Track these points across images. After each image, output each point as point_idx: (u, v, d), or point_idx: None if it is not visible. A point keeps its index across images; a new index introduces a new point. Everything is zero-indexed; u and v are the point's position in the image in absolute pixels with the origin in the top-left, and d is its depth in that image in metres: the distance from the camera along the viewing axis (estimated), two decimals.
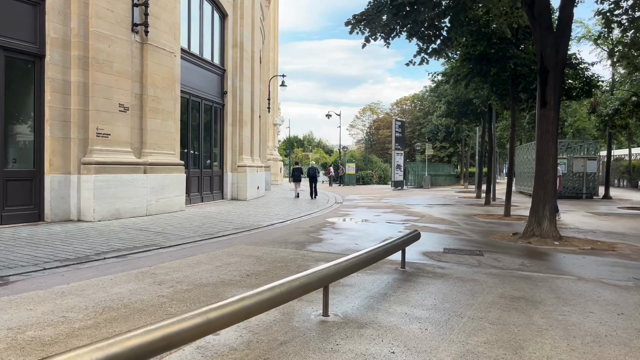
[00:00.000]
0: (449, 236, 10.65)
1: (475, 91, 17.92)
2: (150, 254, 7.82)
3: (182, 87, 15.32)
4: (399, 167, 33.07)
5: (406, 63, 11.80)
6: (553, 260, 8.20)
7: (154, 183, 12.89)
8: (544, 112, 10.20)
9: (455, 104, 23.19)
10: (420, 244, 9.26)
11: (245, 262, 7.28)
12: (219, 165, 18.56)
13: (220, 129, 18.57)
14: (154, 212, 12.86)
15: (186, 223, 11.51)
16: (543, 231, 10.09)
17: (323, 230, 11.14)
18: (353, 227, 12.09)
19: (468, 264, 7.63)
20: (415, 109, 70.16)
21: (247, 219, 12.87)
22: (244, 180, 18.99)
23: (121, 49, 11.94)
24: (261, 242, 9.17)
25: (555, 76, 10.08)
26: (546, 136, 10.15)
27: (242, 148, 19.28)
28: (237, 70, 19.01)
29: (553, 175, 10.14)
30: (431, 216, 14.97)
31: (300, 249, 8.51)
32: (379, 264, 7.24)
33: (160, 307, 4.90)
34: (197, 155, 16.85)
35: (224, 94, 18.54)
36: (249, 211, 14.86)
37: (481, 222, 13.49)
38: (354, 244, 9.29)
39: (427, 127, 44.10)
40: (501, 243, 9.84)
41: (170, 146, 13.85)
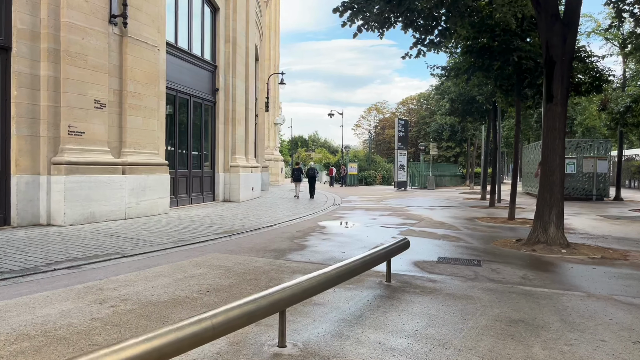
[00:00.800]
0: (446, 242, 9.80)
1: (479, 87, 17.03)
2: (108, 264, 7.05)
3: (168, 84, 14.58)
4: (402, 167, 32.16)
5: (402, 56, 10.96)
6: (559, 272, 7.33)
7: (133, 184, 12.14)
8: (550, 107, 9.32)
9: (459, 102, 22.29)
10: (413, 252, 8.44)
11: (211, 274, 6.49)
12: (210, 166, 17.80)
13: (211, 127, 17.81)
14: (133, 215, 12.11)
15: (164, 228, 10.74)
16: (549, 238, 9.21)
17: (310, 236, 10.33)
18: (343, 232, 11.26)
19: (463, 276, 6.79)
20: (422, 108, 69.20)
21: (233, 222, 12.09)
22: (237, 181, 18.22)
23: (97, 42, 11.20)
24: (238, 250, 8.37)
25: (562, 67, 9.20)
26: (552, 133, 9.27)
27: (235, 148, 18.51)
28: (229, 67, 18.25)
29: (560, 177, 9.26)
30: (430, 219, 14.11)
31: (278, 258, 7.70)
32: (362, 277, 6.43)
33: (87, 334, 4.12)
34: (186, 155, 16.10)
35: (215, 91, 17.78)
36: (237, 214, 14.07)
37: (483, 227, 12.62)
38: (340, 252, 8.47)
39: (431, 126, 43.13)
40: (502, 251, 8.97)
41: (153, 145, 13.10)
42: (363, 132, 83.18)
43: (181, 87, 15.49)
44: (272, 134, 37.45)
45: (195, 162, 16.78)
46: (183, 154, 16.00)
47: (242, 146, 19.39)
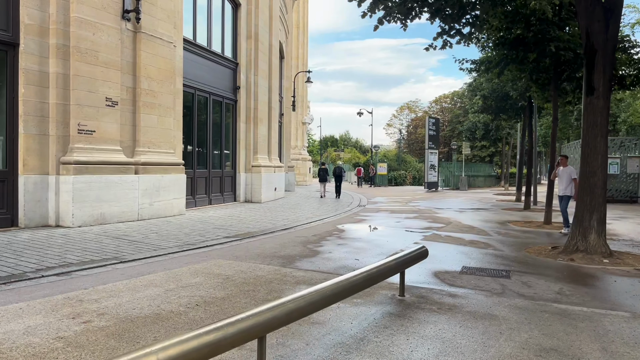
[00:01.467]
0: (473, 249, 8.98)
1: (513, 82, 16.00)
2: (101, 270, 6.59)
3: (186, 81, 14.20)
4: (433, 167, 31.08)
5: (425, 47, 10.17)
6: (600, 286, 6.45)
7: (147, 185, 11.77)
8: (591, 100, 8.38)
9: (492, 99, 21.20)
10: (435, 261, 7.70)
11: (207, 284, 5.93)
12: (231, 166, 17.38)
13: (232, 126, 17.39)
14: (147, 216, 11.74)
15: (175, 230, 10.30)
16: (589, 245, 8.29)
17: (326, 241, 9.68)
18: (362, 236, 10.56)
19: (488, 290, 6.01)
20: (455, 106, 67.49)
21: (248, 225, 11.56)
22: (259, 181, 17.74)
23: (108, 38, 10.86)
24: (244, 256, 7.81)
25: (604, 57, 8.26)
26: (593, 130, 8.34)
27: (257, 147, 18.03)
28: (251, 64, 17.78)
29: (602, 178, 8.31)
30: (459, 223, 13.23)
31: (285, 266, 7.09)
32: (373, 289, 5.76)
33: (42, 357, 3.60)
34: (205, 155, 15.71)
35: (236, 89, 17.34)
36: (255, 216, 13.56)
37: (516, 232, 11.69)
38: (355, 259, 7.80)
39: (464, 125, 41.71)
40: (536, 260, 8.10)
41: (168, 144, 12.72)
42: (395, 131, 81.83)
43: (200, 84, 15.10)
44: (299, 133, 36.97)
45: (215, 161, 16.38)
46: (202, 153, 15.61)
47: (265, 145, 18.91)
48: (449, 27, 9.81)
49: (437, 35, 9.88)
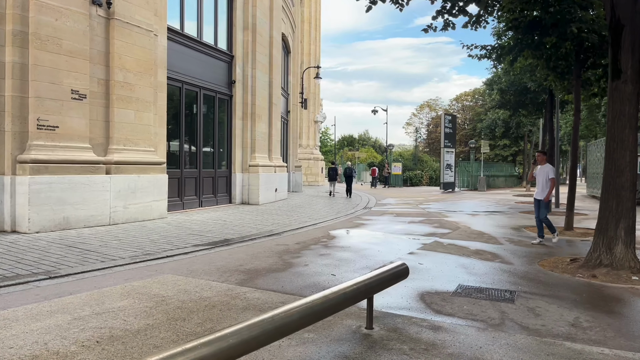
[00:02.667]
0: (476, 262, 7.68)
1: (531, 73, 14.54)
2: (18, 289, 5.53)
3: (171, 74, 13.18)
4: (449, 166, 29.54)
5: (424, 28, 8.88)
6: (628, 314, 5.12)
7: (120, 186, 10.76)
8: (617, 85, 7.01)
9: (510, 93, 19.72)
10: (427, 277, 6.46)
11: (132, 309, 4.81)
12: (226, 165, 16.32)
13: (227, 123, 16.33)
14: (120, 220, 10.73)
15: (143, 237, 9.24)
16: (615, 259, 6.92)
17: (308, 250, 8.49)
18: (352, 244, 9.34)
19: (483, 319, 4.76)
20: (477, 104, 65.42)
21: (230, 230, 10.46)
22: (256, 181, 16.64)
23: (74, 24, 9.88)
24: (201, 270, 6.68)
25: (633, 32, 6.88)
26: (620, 121, 6.96)
27: (254, 145, 16.94)
28: (248, 57, 16.69)
29: (631, 178, 6.93)
30: (467, 229, 11.89)
31: (243, 284, 5.94)
32: (336, 318, 4.58)
33: None
34: (195, 153, 14.67)
35: (231, 83, 16.27)
36: (244, 220, 12.45)
37: (531, 239, 10.31)
38: (331, 274, 6.59)
39: (483, 123, 39.91)
40: (550, 276, 6.77)
41: (147, 142, 11.70)
42: (414, 130, 79.96)
43: (188, 78, 14.06)
44: (311, 132, 35.81)
45: (207, 161, 15.34)
46: (191, 152, 14.57)
47: (264, 144, 17.81)
48: (451, 3, 8.52)
49: (436, 14, 8.61)
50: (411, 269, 7.02)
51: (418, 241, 9.69)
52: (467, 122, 69.88)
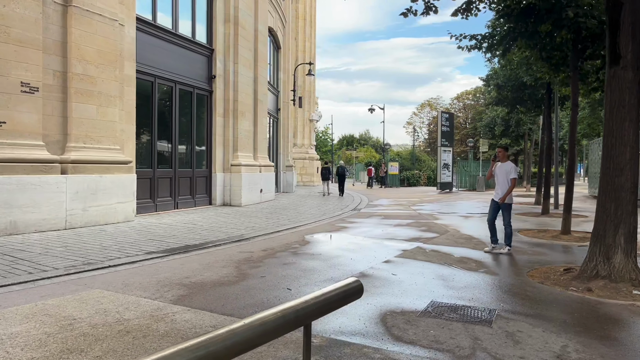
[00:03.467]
0: (458, 272, 6.82)
1: (527, 66, 13.65)
2: None
3: (141, 67, 12.37)
4: (447, 166, 28.62)
5: (402, 12, 8.02)
6: (627, 342, 4.25)
7: (79, 187, 9.95)
8: (616, 72, 6.15)
9: (507, 88, 18.81)
10: (396, 291, 5.63)
11: (24, 337, 3.99)
12: (206, 164, 15.50)
13: (207, 120, 15.51)
14: (79, 224, 9.92)
15: (95, 243, 8.42)
16: (613, 270, 6.08)
17: (274, 258, 7.65)
18: (325, 251, 8.48)
19: (450, 350, 3.92)
20: (477, 103, 64.44)
21: (197, 235, 9.63)
22: (238, 182, 15.81)
23: (25, 11, 9.07)
24: (139, 283, 5.85)
25: (633, 11, 6.02)
26: (619, 112, 6.10)
27: (237, 143, 16.12)
28: (230, 51, 15.87)
29: (631, 178, 6.07)
30: (457, 232, 11.02)
31: (177, 302, 5.11)
32: (269, 349, 3.75)
33: None
34: (170, 152, 13.84)
35: (211, 78, 15.45)
36: (217, 223, 11.63)
37: (523, 244, 9.44)
38: (287, 289, 5.75)
39: (482, 121, 38.92)
40: (539, 290, 5.91)
41: (112, 139, 10.89)
42: (415, 130, 78.97)
43: (162, 72, 13.24)
44: (306, 131, 34.98)
45: (184, 160, 14.52)
46: (165, 150, 13.75)
47: (249, 142, 16.99)
48: None
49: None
50: (382, 282, 6.19)
51: (399, 247, 8.83)
52: (468, 121, 68.93)
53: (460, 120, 72.80)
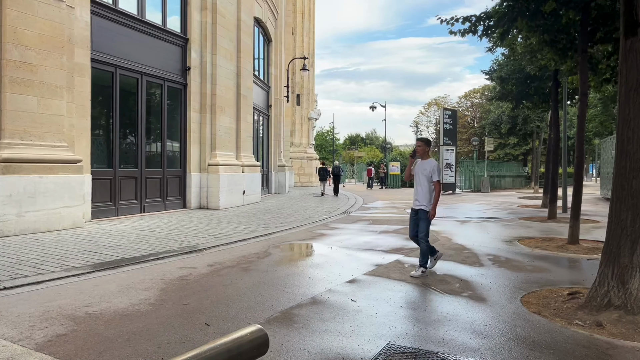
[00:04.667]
0: (435, 297, 5.49)
1: (531, 55, 12.23)
2: None
3: (99, 56, 11.16)
4: (449, 166, 27.15)
5: None
6: None
7: (13, 189, 8.74)
8: (633, 44, 4.79)
9: (511, 82, 17.37)
10: (346, 329, 4.33)
11: None
12: (179, 164, 14.26)
13: (181, 116, 14.26)
14: (13, 231, 8.71)
15: (12, 256, 7.19)
16: (630, 298, 4.75)
17: (214, 277, 6.37)
18: (283, 266, 7.18)
19: None
20: (485, 102, 62.71)
21: (145, 245, 8.38)
22: (216, 183, 14.56)
23: None
24: (16, 315, 4.59)
25: None
26: (637, 95, 4.73)
27: (215, 141, 14.87)
28: (207, 41, 14.61)
29: None
30: (448, 241, 9.67)
31: (40, 348, 3.84)
32: None
33: None
34: (135, 150, 12.61)
35: (186, 70, 14.20)
36: (181, 229, 10.38)
37: (523, 257, 8.06)
38: (205, 324, 4.46)
39: (487, 119, 37.30)
40: (534, 326, 4.55)
41: (58, 135, 9.67)
42: (422, 129, 77.36)
43: (125, 62, 12.01)
44: (305, 129, 33.70)
45: (152, 159, 13.29)
46: (130, 148, 12.52)
47: (229, 140, 15.73)
48: None
49: None
50: (334, 312, 4.87)
51: (373, 261, 7.50)
52: (476, 120, 67.22)
53: (468, 119, 71.11)
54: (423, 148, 6.66)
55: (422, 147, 6.66)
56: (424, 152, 6.66)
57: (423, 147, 6.66)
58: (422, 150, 6.65)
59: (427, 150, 6.70)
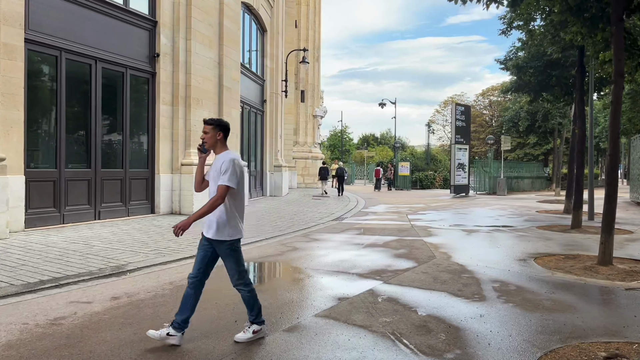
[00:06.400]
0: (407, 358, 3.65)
1: (553, 33, 10.25)
2: None
3: (37, 37, 9.53)
4: (462, 166, 25.07)
5: None
6: None
7: None
8: None
9: (529, 71, 15.31)
10: None
11: None
12: (146, 164, 12.58)
13: (148, 109, 12.58)
14: None
15: None
16: None
17: (102, 317, 4.62)
18: (202, 303, 5.39)
19: None
20: (504, 99, 60.13)
21: (64, 263, 6.71)
22: (189, 185, 12.85)
23: None
24: None
25: None
26: None
27: (190, 138, 13.18)
28: (180, 24, 12.92)
29: None
30: (446, 260, 7.76)
31: None
32: None
33: None
34: (87, 148, 10.94)
35: (154, 57, 12.53)
36: (124, 242, 8.70)
37: (540, 286, 6.14)
38: None
39: (504, 116, 34.99)
40: None
41: None
42: (438, 128, 74.86)
43: (74, 45, 10.35)
44: (309, 128, 31.88)
45: (111, 157, 11.63)
46: (80, 145, 10.87)
47: None
48: None
49: None
50: None
51: (338, 292, 5.67)
52: (494, 119, 64.66)
53: (486, 118, 68.55)
54: (212, 134, 3.96)
55: (210, 134, 3.96)
56: (214, 140, 3.98)
57: (213, 132, 3.97)
58: (211, 138, 3.97)
59: (219, 138, 4.01)
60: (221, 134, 4.00)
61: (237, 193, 3.97)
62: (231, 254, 3.99)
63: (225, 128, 4.05)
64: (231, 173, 3.84)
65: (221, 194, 3.84)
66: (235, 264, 4.02)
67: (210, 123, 4.00)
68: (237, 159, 3.94)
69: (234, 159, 3.91)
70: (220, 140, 4.01)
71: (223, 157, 3.94)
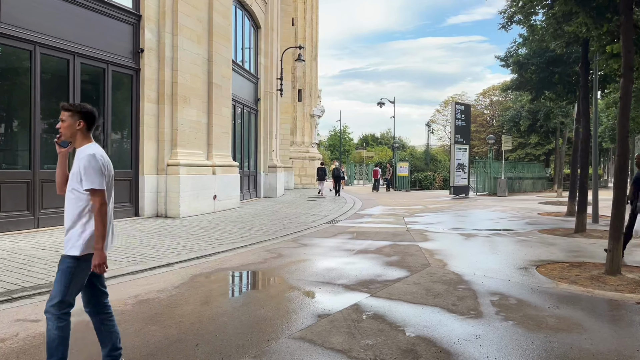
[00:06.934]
0: None
1: (556, 25, 9.69)
2: None
3: (10, 30, 8.98)
4: (462, 167, 24.51)
5: None
6: None
7: None
8: None
9: (531, 68, 14.74)
10: None
11: None
12: (130, 164, 12.04)
13: (132, 107, 12.04)
14: None
15: None
16: None
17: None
18: (152, 329, 4.85)
19: None
20: (505, 99, 59.53)
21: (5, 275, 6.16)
22: (176, 186, 12.33)
23: None
24: None
25: None
26: None
27: (177, 137, 12.65)
28: (165, 19, 12.39)
29: None
30: (441, 268, 7.21)
31: None
32: None
33: None
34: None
35: (138, 53, 11.99)
36: None
37: (544, 299, 5.58)
38: None
39: (505, 115, 34.40)
40: None
41: None
42: (439, 128, 74.22)
43: (49, 39, 9.81)
44: (307, 127, 31.36)
45: None
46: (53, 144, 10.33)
47: (198, 136, 13.49)
48: None
49: None
50: None
51: (320, 307, 5.13)
52: (495, 118, 64.07)
53: (487, 117, 67.99)
54: (71, 123, 3.16)
55: (68, 122, 3.17)
56: (75, 131, 3.19)
57: (71, 120, 3.16)
58: (70, 128, 3.18)
59: (79, 128, 3.20)
60: (82, 122, 3.17)
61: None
62: (66, 267, 3.12)
63: (87, 115, 3.20)
64: (95, 172, 3.08)
65: (99, 200, 3.13)
66: (63, 281, 3.12)
67: (68, 109, 3.16)
68: (98, 153, 3.16)
69: (95, 154, 3.11)
70: (81, 130, 3.17)
71: (82, 153, 3.13)
